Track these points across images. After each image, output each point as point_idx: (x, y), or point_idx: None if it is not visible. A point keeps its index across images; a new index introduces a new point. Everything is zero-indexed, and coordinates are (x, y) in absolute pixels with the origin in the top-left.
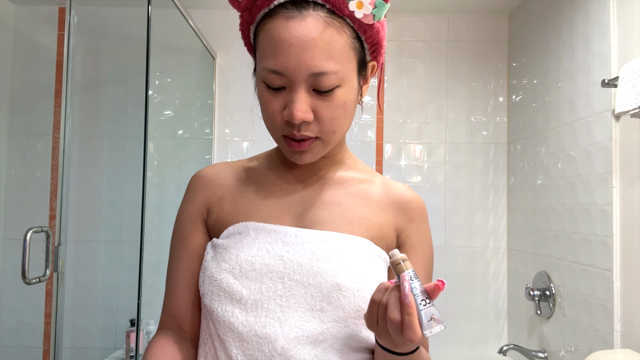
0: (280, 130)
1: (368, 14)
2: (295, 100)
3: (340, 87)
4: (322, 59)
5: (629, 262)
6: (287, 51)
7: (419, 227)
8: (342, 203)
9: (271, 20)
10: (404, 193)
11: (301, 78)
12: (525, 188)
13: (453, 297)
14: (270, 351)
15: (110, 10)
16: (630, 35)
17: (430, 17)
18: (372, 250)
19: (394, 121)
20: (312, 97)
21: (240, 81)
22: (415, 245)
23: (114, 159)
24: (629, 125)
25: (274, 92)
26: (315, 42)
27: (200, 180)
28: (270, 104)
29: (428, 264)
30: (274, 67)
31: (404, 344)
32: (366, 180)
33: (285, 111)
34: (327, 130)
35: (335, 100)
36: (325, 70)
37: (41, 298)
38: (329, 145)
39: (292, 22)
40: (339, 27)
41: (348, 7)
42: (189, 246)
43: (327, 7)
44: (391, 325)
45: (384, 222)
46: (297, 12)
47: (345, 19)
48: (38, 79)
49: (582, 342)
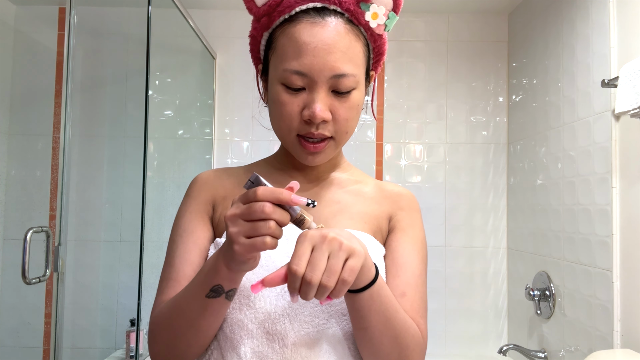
0: (297, 130)
1: (381, 24)
2: (316, 100)
3: (355, 90)
4: (344, 62)
5: (628, 262)
6: (313, 53)
7: (409, 214)
8: (340, 200)
9: (293, 25)
10: (395, 188)
11: (324, 79)
12: (525, 188)
13: (453, 297)
14: (281, 347)
15: (110, 10)
16: (630, 35)
17: (430, 17)
18: (373, 244)
19: (394, 121)
20: (331, 98)
21: (240, 81)
22: (405, 228)
23: (114, 159)
24: (629, 125)
25: (294, 92)
26: (338, 46)
27: (204, 180)
28: (289, 104)
29: (421, 246)
30: (298, 68)
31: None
32: (360, 181)
33: (306, 111)
34: (342, 130)
35: (351, 102)
36: (347, 72)
37: (41, 298)
38: (340, 146)
39: (316, 27)
40: (356, 35)
41: (364, 17)
42: (198, 240)
43: (346, 16)
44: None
45: (378, 213)
46: (320, 19)
47: (360, 28)
48: (38, 79)
49: (582, 342)
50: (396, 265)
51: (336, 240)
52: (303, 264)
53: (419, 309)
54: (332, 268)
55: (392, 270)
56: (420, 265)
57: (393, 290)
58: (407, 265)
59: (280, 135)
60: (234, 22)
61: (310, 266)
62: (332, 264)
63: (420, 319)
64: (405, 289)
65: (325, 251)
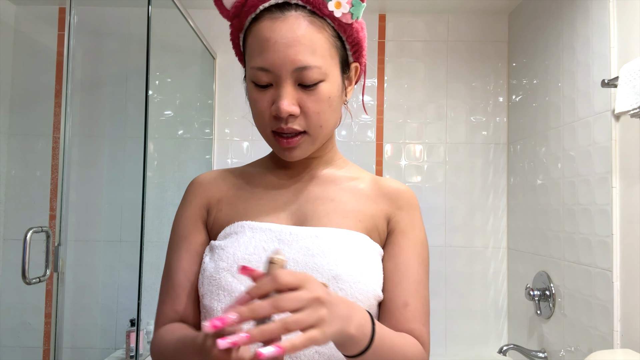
0: (269, 125)
1: (346, 12)
2: (281, 95)
3: (324, 82)
4: (305, 54)
5: (629, 262)
6: (273, 48)
7: (409, 214)
8: (335, 198)
9: (257, 23)
10: (393, 185)
11: (286, 73)
12: (525, 188)
13: (453, 297)
14: None
15: (110, 10)
16: (630, 35)
17: (430, 17)
18: (367, 243)
19: (394, 121)
20: (298, 91)
21: (240, 81)
22: (405, 230)
23: (114, 159)
24: (629, 125)
25: (262, 89)
26: (299, 39)
27: (198, 184)
28: (259, 101)
29: (421, 249)
30: (261, 65)
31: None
32: (356, 177)
33: (273, 106)
34: (314, 124)
35: (320, 94)
36: (309, 64)
37: (41, 298)
38: (317, 141)
39: (276, 22)
40: (320, 26)
41: (327, 7)
42: (191, 246)
43: (308, 8)
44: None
45: (375, 212)
46: (280, 14)
47: (326, 19)
48: (38, 79)
49: (582, 342)
50: (397, 272)
51: (319, 305)
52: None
53: (421, 317)
54: (287, 320)
55: (393, 278)
56: (421, 270)
57: (395, 300)
58: (408, 272)
59: (260, 133)
60: None
61: (272, 301)
62: (292, 318)
63: (423, 327)
64: (407, 298)
65: (298, 303)
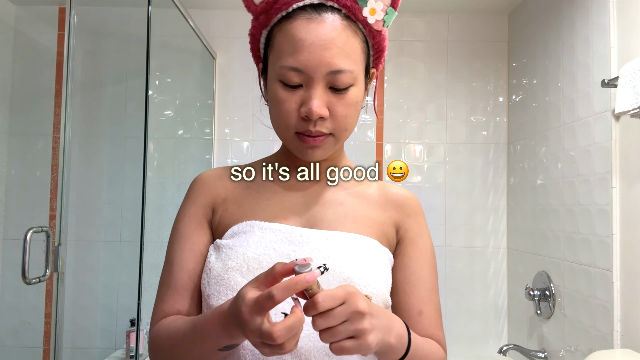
0: (295, 127)
1: (379, 20)
2: (313, 97)
3: (353, 86)
4: (340, 58)
5: (628, 262)
6: (309, 49)
7: (417, 221)
8: (344, 202)
9: (290, 22)
10: (399, 192)
11: (320, 75)
12: (525, 188)
13: (453, 296)
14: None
15: (110, 10)
16: (630, 35)
17: (430, 17)
18: (377, 248)
19: (394, 121)
20: (328, 94)
21: (240, 81)
22: (414, 239)
23: (114, 159)
24: (629, 125)
25: (291, 89)
26: (335, 42)
27: (203, 182)
28: (287, 101)
29: (430, 257)
30: (295, 65)
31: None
32: (363, 182)
33: (303, 108)
34: (340, 127)
35: (349, 99)
36: (343, 68)
37: (41, 298)
38: (339, 143)
39: (312, 23)
40: (354, 30)
41: (362, 13)
42: (195, 245)
43: (344, 12)
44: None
45: (383, 219)
46: (317, 15)
47: (358, 24)
48: (38, 79)
49: (582, 342)
50: (410, 283)
51: (361, 317)
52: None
53: (437, 323)
54: (336, 331)
55: (405, 288)
56: (432, 277)
57: (410, 309)
58: (420, 281)
59: (280, 133)
60: (234, 22)
61: (324, 316)
62: (339, 328)
63: (439, 331)
64: (421, 307)
65: (336, 320)
